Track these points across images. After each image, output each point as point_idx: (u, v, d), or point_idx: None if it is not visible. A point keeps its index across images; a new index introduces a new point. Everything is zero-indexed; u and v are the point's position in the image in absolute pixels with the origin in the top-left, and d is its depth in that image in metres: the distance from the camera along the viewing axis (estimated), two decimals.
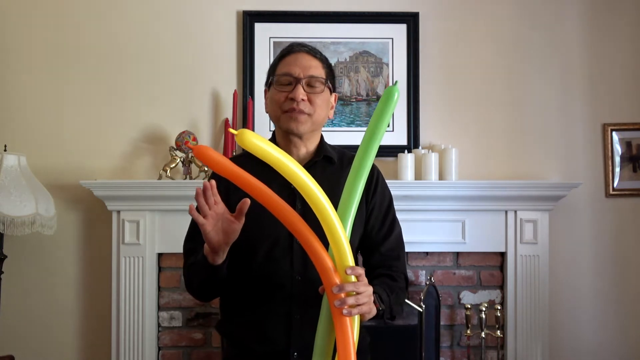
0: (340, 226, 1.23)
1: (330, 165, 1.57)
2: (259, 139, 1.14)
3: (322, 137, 1.60)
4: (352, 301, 1.23)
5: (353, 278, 1.25)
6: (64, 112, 2.68)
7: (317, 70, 1.51)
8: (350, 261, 1.25)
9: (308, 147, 1.56)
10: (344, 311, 1.22)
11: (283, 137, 1.56)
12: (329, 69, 1.56)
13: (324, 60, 1.55)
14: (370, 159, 1.31)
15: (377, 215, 1.57)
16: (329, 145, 1.62)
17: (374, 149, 1.31)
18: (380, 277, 1.52)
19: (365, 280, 1.30)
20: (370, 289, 1.30)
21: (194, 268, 1.46)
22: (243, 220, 1.31)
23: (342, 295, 1.23)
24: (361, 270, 1.28)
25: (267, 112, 1.58)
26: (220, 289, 1.50)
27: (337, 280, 1.23)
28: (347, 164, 1.56)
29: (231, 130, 1.13)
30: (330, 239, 1.23)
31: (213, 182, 1.30)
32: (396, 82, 1.37)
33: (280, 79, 1.51)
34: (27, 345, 2.62)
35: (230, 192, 1.45)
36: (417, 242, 2.56)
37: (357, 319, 1.28)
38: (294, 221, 1.22)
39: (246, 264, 1.48)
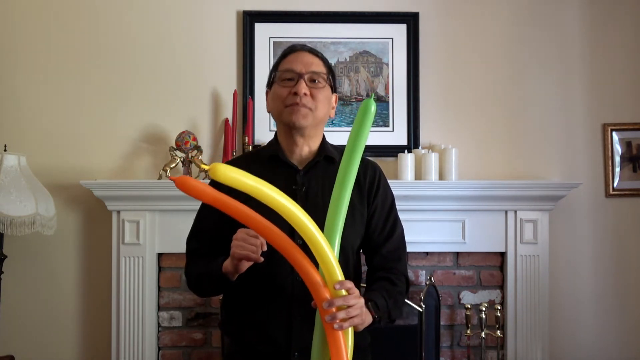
0: (325, 244, 1.23)
1: (331, 166, 1.56)
2: (232, 171, 1.13)
3: (324, 137, 1.61)
4: (343, 315, 1.24)
5: (343, 292, 1.26)
6: (64, 112, 2.68)
7: (318, 67, 1.54)
8: (339, 276, 1.26)
9: (310, 146, 1.57)
10: (335, 325, 1.23)
11: (285, 136, 1.56)
12: (330, 69, 1.58)
13: (324, 60, 1.57)
14: (353, 172, 1.30)
15: (379, 216, 1.57)
16: (331, 145, 1.62)
17: (355, 162, 1.30)
18: (380, 280, 1.53)
19: (356, 292, 1.30)
20: (361, 300, 1.31)
21: (207, 279, 1.50)
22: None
23: (333, 309, 1.23)
24: (350, 284, 1.28)
25: (268, 112, 1.59)
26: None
27: (328, 296, 1.24)
28: None
29: (203, 165, 1.12)
30: (317, 257, 1.24)
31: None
32: (372, 94, 1.37)
33: (283, 75, 1.52)
34: (27, 345, 2.62)
35: (236, 193, 1.47)
36: (417, 242, 2.56)
37: (350, 331, 1.29)
38: (281, 242, 1.23)
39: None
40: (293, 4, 2.72)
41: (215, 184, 1.21)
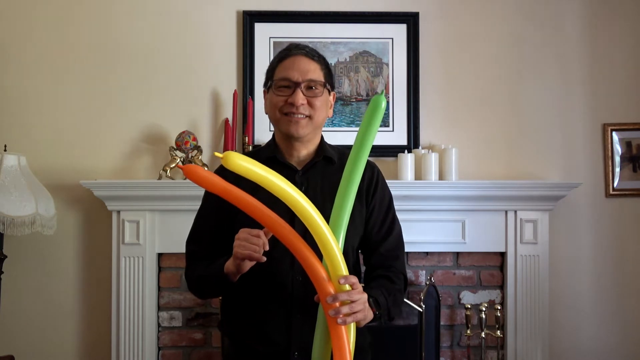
0: (332, 237, 1.24)
1: (330, 166, 1.57)
2: (244, 160, 1.14)
3: (322, 137, 1.61)
4: (347, 310, 1.25)
5: (347, 287, 1.26)
6: (64, 112, 2.68)
7: (315, 73, 1.51)
8: (344, 270, 1.26)
9: (309, 148, 1.57)
10: (339, 320, 1.24)
11: (282, 140, 1.56)
12: (328, 69, 1.56)
13: (322, 62, 1.55)
14: (361, 168, 1.31)
15: (377, 215, 1.58)
16: (329, 145, 1.62)
17: (363, 158, 1.31)
18: (379, 278, 1.53)
19: (360, 287, 1.31)
20: (364, 296, 1.31)
21: (208, 281, 1.50)
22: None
23: (337, 304, 1.24)
24: (354, 279, 1.29)
25: (266, 113, 1.58)
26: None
27: (332, 290, 1.24)
28: None
29: (216, 153, 1.13)
30: (323, 250, 1.24)
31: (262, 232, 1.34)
32: (382, 91, 1.38)
33: (279, 83, 1.51)
34: (27, 345, 2.62)
35: (241, 185, 1.48)
36: (417, 242, 2.56)
37: (352, 326, 1.29)
38: (286, 234, 1.23)
39: None
40: (293, 4, 2.71)
41: (221, 176, 1.22)
